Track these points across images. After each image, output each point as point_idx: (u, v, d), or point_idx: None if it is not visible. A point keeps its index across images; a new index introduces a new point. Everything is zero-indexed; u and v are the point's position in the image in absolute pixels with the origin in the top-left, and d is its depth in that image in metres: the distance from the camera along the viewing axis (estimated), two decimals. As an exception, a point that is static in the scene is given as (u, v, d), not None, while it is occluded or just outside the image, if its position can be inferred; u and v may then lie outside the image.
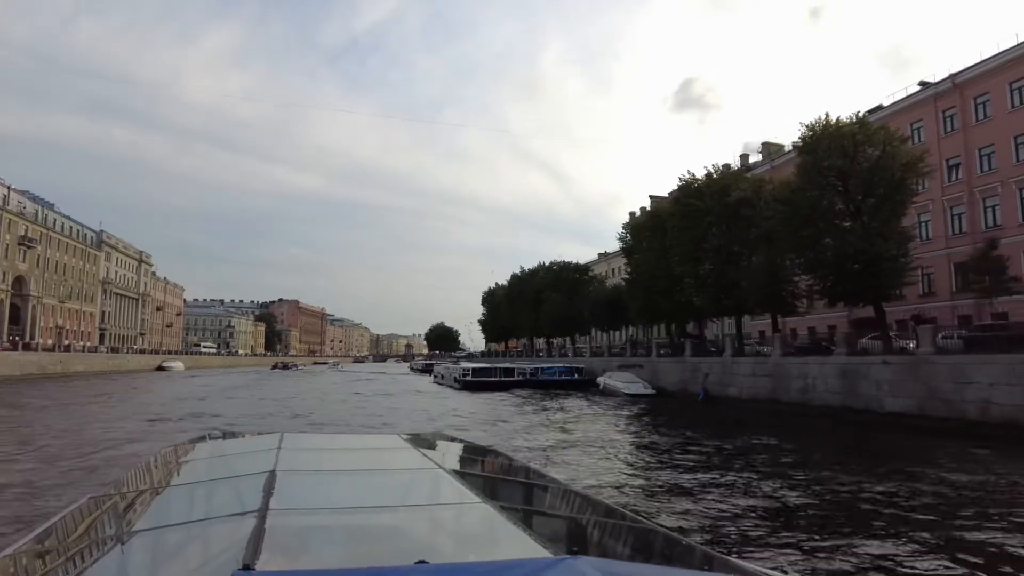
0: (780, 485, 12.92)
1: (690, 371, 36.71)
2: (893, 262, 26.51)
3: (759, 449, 18.10)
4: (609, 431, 22.87)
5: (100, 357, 77.59)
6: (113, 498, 3.37)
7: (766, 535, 9.42)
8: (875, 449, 18.94)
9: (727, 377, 33.09)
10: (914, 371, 22.66)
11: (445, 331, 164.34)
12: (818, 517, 10.68)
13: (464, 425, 23.66)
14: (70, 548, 2.66)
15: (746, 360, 32.30)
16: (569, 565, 1.71)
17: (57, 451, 16.82)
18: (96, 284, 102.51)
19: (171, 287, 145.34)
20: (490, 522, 2.68)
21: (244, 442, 5.61)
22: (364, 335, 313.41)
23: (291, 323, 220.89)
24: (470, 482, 3.49)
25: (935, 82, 40.26)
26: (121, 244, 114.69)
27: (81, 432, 20.92)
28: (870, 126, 28.15)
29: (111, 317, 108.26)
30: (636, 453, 18.13)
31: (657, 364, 41.00)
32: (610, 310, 54.15)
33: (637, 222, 50.15)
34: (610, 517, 3.18)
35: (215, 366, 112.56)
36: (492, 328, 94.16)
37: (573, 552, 2.16)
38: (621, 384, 38.83)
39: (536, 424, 24.74)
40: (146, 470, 4.28)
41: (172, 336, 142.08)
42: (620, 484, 13.25)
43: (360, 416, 28.66)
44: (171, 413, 27.96)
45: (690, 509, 10.96)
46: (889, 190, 26.69)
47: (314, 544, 2.37)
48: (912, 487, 12.76)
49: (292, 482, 3.16)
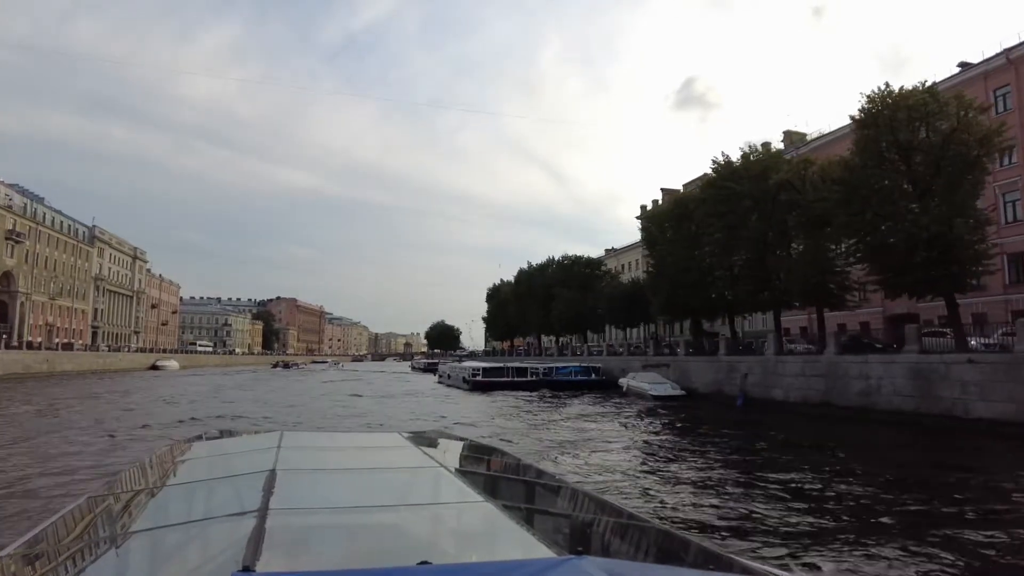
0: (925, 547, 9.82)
1: (725, 371, 33.62)
2: (970, 248, 23.46)
3: (851, 473, 14.87)
4: (664, 449, 19.70)
5: (89, 356, 74.24)
6: (111, 498, 3.40)
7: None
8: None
9: (770, 378, 30.00)
10: (1013, 372, 19.57)
11: (446, 329, 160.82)
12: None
13: (488, 434, 20.54)
14: (67, 549, 2.61)
15: (793, 359, 29.14)
16: (574, 565, 1.72)
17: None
18: (88, 281, 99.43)
19: (166, 284, 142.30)
20: (493, 522, 2.66)
21: (243, 441, 5.52)
22: (362, 334, 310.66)
23: (289, 322, 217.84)
24: (472, 481, 3.51)
25: (987, 58, 37.23)
26: (115, 240, 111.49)
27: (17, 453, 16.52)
28: (941, 95, 25.05)
29: (104, 315, 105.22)
30: (714, 483, 15.03)
31: (686, 363, 37.83)
32: (629, 306, 50.95)
33: (660, 210, 46.55)
34: (614, 516, 3.17)
35: (211, 365, 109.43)
36: (497, 326, 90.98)
37: (577, 552, 2.11)
38: (647, 385, 35.73)
39: (567, 434, 21.59)
40: (144, 469, 4.23)
41: (168, 334, 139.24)
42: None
43: (372, 421, 25.55)
44: (154, 419, 24.84)
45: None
46: (964, 166, 23.62)
47: (315, 544, 2.34)
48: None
49: (292, 481, 3.12)
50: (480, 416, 27.65)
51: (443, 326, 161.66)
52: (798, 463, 15.25)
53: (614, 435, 21.21)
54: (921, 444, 19.38)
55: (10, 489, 11.93)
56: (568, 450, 17.71)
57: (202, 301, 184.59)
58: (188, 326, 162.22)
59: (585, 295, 58.16)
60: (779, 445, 18.87)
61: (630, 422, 25.55)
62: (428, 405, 34.61)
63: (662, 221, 41.79)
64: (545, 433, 21.59)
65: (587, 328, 60.98)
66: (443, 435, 6.49)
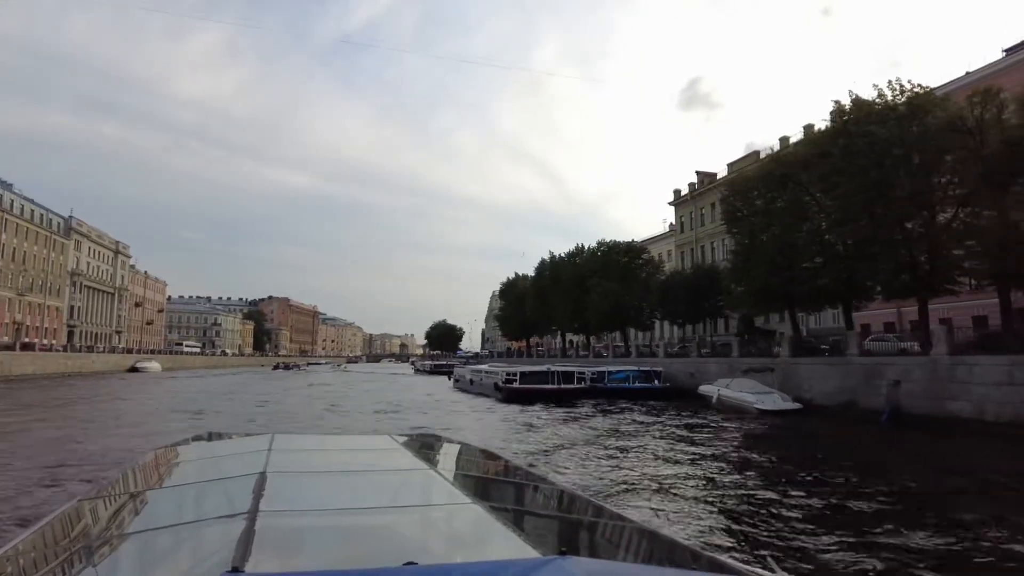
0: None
1: (861, 376, 25.64)
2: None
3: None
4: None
5: (55, 357, 65.09)
6: (102, 500, 3.38)
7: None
8: None
9: (942, 386, 22.07)
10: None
11: (447, 329, 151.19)
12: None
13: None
14: (58, 552, 2.62)
15: (990, 360, 20.93)
16: (558, 565, 1.74)
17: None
18: (64, 276, 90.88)
19: (152, 281, 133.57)
20: (480, 523, 2.66)
21: (234, 443, 5.35)
22: (357, 334, 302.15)
23: (281, 322, 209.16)
24: (461, 483, 3.63)
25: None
26: (94, 232, 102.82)
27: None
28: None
29: (82, 313, 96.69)
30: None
31: (794, 367, 29.63)
32: (692, 297, 42.76)
33: (747, 172, 37.37)
34: (600, 517, 3.17)
35: (198, 367, 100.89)
36: (513, 323, 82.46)
37: (562, 552, 2.05)
38: (751, 397, 27.70)
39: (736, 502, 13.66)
40: (135, 472, 4.17)
41: (153, 334, 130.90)
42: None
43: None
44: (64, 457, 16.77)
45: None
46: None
47: (304, 545, 2.36)
48: None
49: (282, 483, 3.12)
50: (575, 454, 19.50)
51: (445, 326, 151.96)
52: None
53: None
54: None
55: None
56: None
57: (190, 300, 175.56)
58: (175, 326, 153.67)
59: (630, 286, 49.76)
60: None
61: (777, 455, 17.65)
62: (462, 421, 26.57)
63: (752, 189, 33.17)
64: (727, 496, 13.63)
65: (629, 324, 52.31)
66: (433, 438, 6.43)
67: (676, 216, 70.95)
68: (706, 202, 64.18)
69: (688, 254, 65.53)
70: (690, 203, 67.16)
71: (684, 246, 66.83)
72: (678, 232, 69.98)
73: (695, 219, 66.42)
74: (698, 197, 65.87)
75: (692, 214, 67.09)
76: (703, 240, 64.42)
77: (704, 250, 63.70)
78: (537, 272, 69.33)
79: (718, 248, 60.92)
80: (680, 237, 68.65)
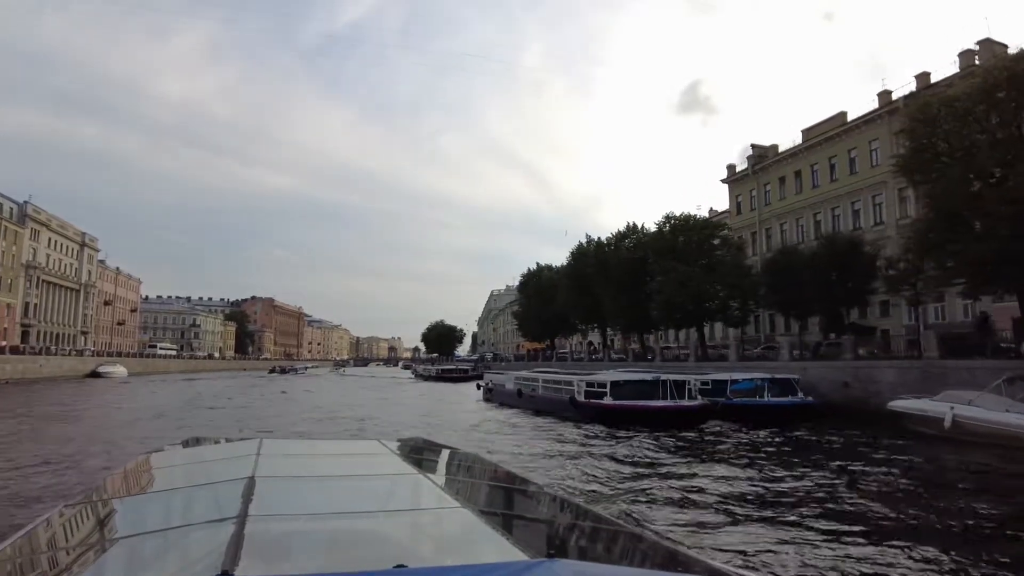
0: None
1: None
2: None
3: None
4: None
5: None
6: (87, 506, 3.23)
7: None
8: None
9: None
10: None
11: (446, 330, 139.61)
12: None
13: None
14: (42, 559, 2.53)
15: None
16: (546, 568, 1.73)
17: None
18: (18, 269, 79.29)
19: (124, 279, 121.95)
20: (469, 526, 2.62)
21: (222, 448, 5.22)
22: (344, 337, 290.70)
23: (265, 323, 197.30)
24: (450, 487, 3.55)
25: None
26: (55, 221, 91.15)
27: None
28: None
29: (40, 311, 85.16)
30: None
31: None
32: (825, 282, 32.17)
33: (929, 100, 25.70)
34: (588, 520, 3.14)
35: (172, 371, 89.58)
36: (534, 321, 71.71)
37: (550, 555, 2.08)
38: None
39: None
40: (122, 477, 4.02)
41: (125, 335, 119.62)
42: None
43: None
44: None
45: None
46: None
47: (293, 550, 2.33)
48: None
49: (271, 488, 3.04)
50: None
51: (443, 327, 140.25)
52: None
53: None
54: None
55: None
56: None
57: (167, 299, 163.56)
58: (150, 326, 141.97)
59: (713, 270, 39.22)
60: None
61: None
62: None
63: (968, 112, 22.29)
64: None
65: (704, 318, 41.67)
66: (423, 442, 6.08)
67: (731, 196, 60.99)
68: (772, 176, 54.59)
69: (749, 238, 55.80)
70: (751, 179, 57.26)
71: (742, 229, 56.90)
72: (733, 214, 60.13)
73: (757, 198, 56.70)
74: (761, 172, 56.09)
75: (753, 192, 57.28)
76: (768, 222, 54.63)
77: (771, 232, 54.11)
78: (573, 258, 58.78)
79: (790, 229, 51.49)
80: (737, 220, 58.67)
